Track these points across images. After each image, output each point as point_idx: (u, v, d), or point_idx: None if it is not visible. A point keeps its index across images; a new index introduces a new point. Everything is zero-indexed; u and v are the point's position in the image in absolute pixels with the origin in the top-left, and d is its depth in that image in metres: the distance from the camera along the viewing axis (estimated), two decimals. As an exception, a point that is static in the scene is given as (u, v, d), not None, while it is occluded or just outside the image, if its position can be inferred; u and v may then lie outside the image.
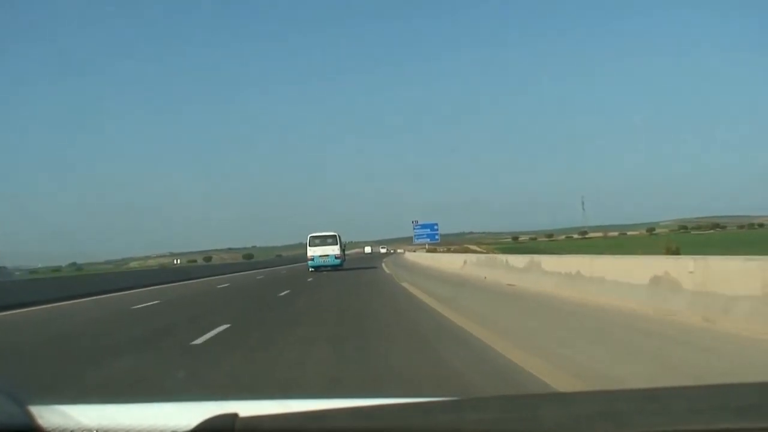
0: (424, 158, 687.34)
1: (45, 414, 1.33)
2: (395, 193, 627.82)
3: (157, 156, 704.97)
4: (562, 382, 5.37)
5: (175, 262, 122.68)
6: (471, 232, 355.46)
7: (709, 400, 1.10)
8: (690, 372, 5.75)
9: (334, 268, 38.12)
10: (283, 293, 19.52)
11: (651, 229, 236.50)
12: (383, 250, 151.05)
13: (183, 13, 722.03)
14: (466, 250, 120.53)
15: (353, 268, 39.63)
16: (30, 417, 1.28)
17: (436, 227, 61.23)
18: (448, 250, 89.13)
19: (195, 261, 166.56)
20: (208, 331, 9.95)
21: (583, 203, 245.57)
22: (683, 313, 8.45)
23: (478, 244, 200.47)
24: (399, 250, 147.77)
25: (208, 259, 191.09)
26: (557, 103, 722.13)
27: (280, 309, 14.32)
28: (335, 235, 39.26)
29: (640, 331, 8.03)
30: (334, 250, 38.69)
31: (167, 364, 7.41)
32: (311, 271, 37.29)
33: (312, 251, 38.80)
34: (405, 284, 20.75)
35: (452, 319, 10.21)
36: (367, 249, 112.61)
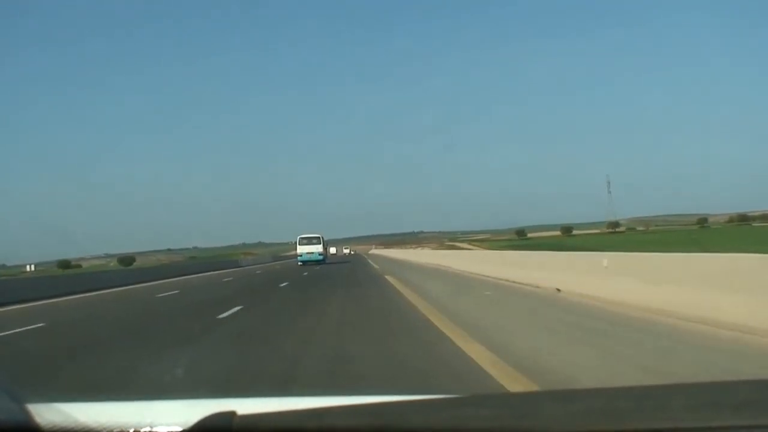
0: (383, 161, 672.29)
1: (43, 411, 1.30)
2: (347, 193, 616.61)
3: (97, 153, 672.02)
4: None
5: (28, 268, 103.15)
6: (422, 231, 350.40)
7: (706, 397, 1.11)
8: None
9: (318, 262, 46.98)
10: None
11: (703, 220, 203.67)
12: (346, 251, 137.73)
13: (176, 17, 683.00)
14: (452, 247, 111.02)
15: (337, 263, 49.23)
16: (28, 415, 1.26)
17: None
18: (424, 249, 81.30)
19: (80, 266, 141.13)
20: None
21: (608, 184, 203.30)
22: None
23: (469, 242, 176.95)
24: (346, 250, 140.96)
25: (65, 265, 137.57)
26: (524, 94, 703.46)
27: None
28: (319, 236, 49.62)
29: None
30: (318, 248, 48.74)
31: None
32: (300, 265, 45.51)
33: (300, 249, 49.14)
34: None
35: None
36: (332, 249, 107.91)
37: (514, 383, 5.19)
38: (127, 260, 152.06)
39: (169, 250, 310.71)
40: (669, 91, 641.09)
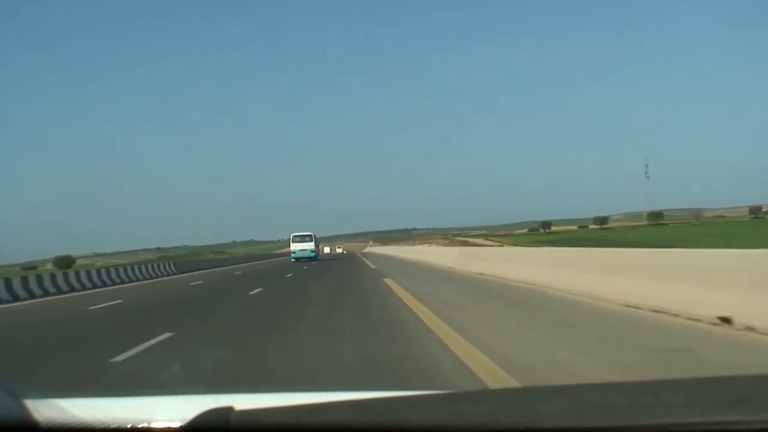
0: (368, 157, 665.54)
1: (40, 407, 1.31)
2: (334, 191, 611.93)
3: (87, 151, 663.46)
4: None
5: None
6: (415, 228, 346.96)
7: (704, 392, 1.10)
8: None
9: (310, 259, 50.00)
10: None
11: (756, 209, 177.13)
12: (339, 250, 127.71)
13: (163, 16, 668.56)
14: (464, 244, 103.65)
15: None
16: (25, 411, 1.26)
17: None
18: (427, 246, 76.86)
19: (35, 267, 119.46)
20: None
21: (646, 168, 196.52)
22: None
23: (484, 237, 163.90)
24: (339, 249, 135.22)
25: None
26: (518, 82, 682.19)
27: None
28: (311, 235, 53.56)
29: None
30: (310, 245, 52.61)
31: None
32: (293, 261, 47.55)
33: (294, 246, 52.58)
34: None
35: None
36: (326, 249, 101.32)
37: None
38: (63, 262, 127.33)
39: (158, 248, 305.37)
40: (675, 81, 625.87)
